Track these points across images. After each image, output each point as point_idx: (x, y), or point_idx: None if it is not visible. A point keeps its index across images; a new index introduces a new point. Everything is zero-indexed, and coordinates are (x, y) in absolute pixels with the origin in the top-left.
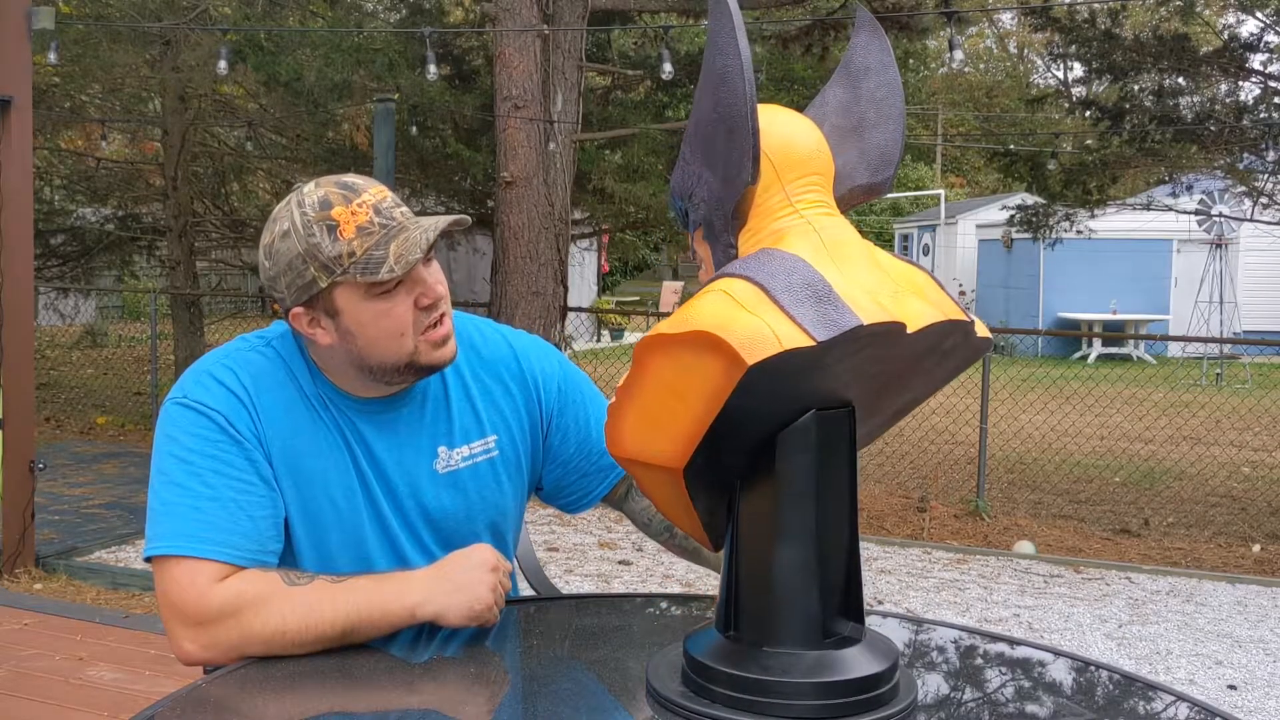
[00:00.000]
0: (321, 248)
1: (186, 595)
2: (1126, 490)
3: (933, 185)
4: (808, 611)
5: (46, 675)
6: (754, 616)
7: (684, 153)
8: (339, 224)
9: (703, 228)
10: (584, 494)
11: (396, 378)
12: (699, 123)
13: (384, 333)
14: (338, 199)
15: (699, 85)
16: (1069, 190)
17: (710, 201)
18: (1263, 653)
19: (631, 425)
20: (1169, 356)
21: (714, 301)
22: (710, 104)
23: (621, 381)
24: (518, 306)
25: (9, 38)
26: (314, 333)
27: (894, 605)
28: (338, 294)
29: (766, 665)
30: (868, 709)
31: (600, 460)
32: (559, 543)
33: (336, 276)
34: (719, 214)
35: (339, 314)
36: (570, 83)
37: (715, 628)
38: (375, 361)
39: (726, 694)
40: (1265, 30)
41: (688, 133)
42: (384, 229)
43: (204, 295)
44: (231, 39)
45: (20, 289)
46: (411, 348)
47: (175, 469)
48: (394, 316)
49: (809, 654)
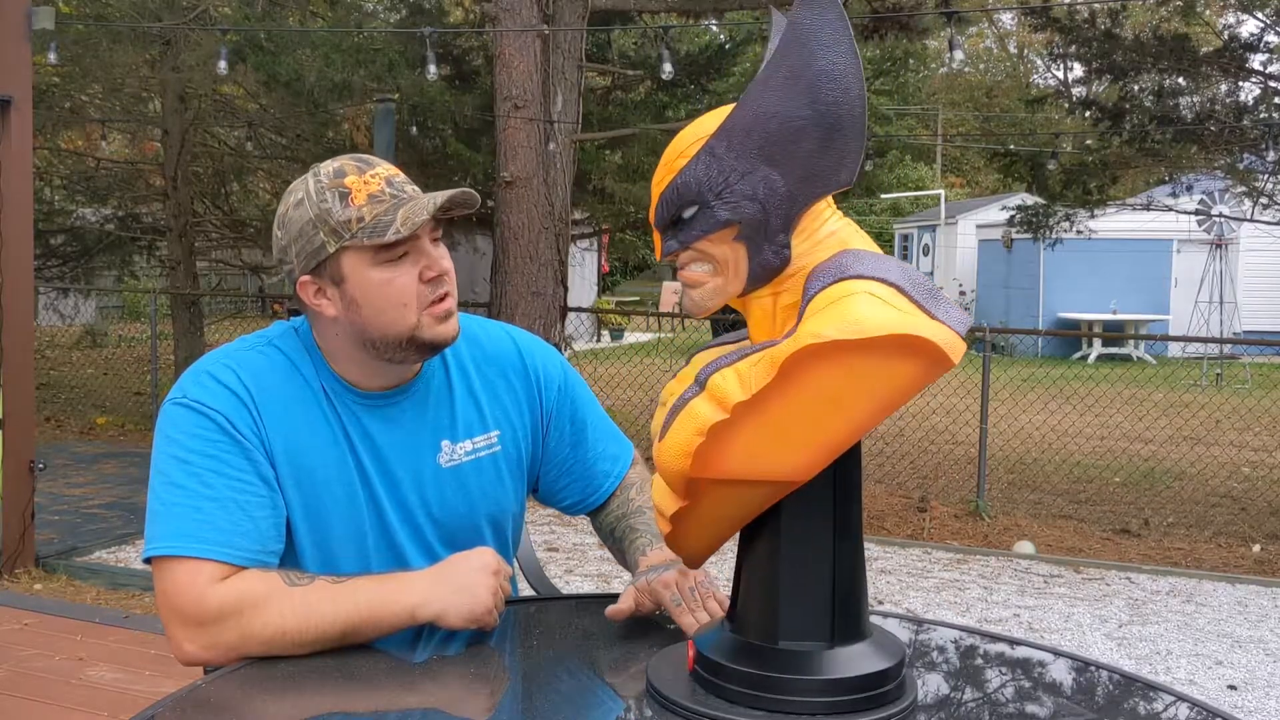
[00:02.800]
0: (332, 212)
1: (186, 595)
2: (1126, 490)
3: (933, 185)
4: (815, 608)
5: (46, 675)
6: (762, 613)
7: (714, 148)
8: (351, 191)
9: (739, 227)
10: (576, 501)
11: (399, 354)
12: (766, 118)
13: (388, 301)
14: (352, 169)
15: (770, 83)
16: (1069, 190)
17: (772, 200)
18: (1263, 653)
19: (748, 441)
20: (1169, 356)
21: (872, 304)
22: (803, 102)
23: (738, 399)
24: (518, 306)
25: (9, 38)
26: (320, 304)
27: (894, 605)
28: (345, 260)
29: (774, 662)
30: (874, 706)
31: (592, 468)
32: (559, 543)
33: (345, 241)
34: (781, 214)
35: (344, 281)
36: (570, 83)
37: (724, 625)
38: (378, 334)
39: (735, 689)
40: (1265, 30)
41: (729, 128)
42: (394, 199)
43: (204, 295)
44: (231, 39)
45: (20, 289)
46: (414, 321)
47: (175, 469)
48: (397, 286)
49: (816, 651)
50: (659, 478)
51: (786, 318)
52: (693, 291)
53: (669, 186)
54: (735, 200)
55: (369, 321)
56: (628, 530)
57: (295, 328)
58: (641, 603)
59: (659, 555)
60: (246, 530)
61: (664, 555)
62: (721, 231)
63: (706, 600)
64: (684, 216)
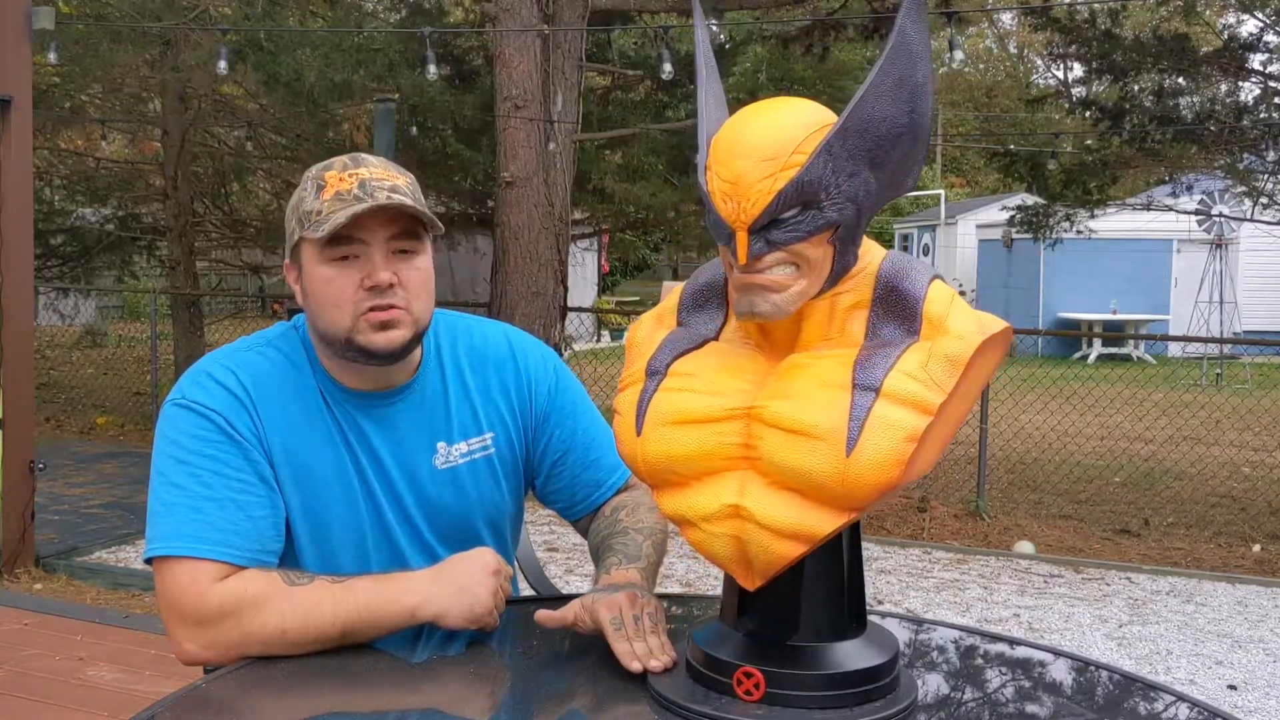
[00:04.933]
0: (305, 201)
1: (186, 595)
2: (1126, 490)
3: (933, 185)
4: (812, 604)
5: (46, 675)
6: (759, 609)
7: (832, 146)
8: (326, 185)
9: (838, 228)
10: (563, 508)
11: (345, 353)
12: (877, 122)
13: (325, 299)
14: (339, 165)
15: (882, 88)
16: (1069, 190)
17: (866, 203)
18: (1263, 653)
19: (934, 441)
20: (1169, 356)
21: (962, 300)
22: (905, 109)
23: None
24: (518, 306)
25: (9, 38)
26: (296, 289)
27: (894, 605)
28: (304, 250)
29: (770, 657)
30: (868, 700)
31: (578, 478)
32: (559, 543)
33: (304, 231)
34: (868, 216)
35: (302, 270)
36: (570, 83)
37: (720, 621)
38: (322, 328)
39: (727, 682)
40: (1265, 30)
41: (847, 129)
42: (356, 199)
43: (204, 295)
44: (231, 39)
45: (20, 289)
46: (349, 324)
47: (174, 470)
48: (335, 286)
49: (813, 646)
50: (798, 500)
51: (848, 318)
52: (774, 296)
53: (790, 184)
54: (841, 201)
55: (315, 315)
56: (607, 550)
57: (295, 326)
58: (581, 619)
59: (621, 575)
60: (246, 530)
61: (625, 576)
62: (824, 233)
63: (649, 633)
64: (782, 217)
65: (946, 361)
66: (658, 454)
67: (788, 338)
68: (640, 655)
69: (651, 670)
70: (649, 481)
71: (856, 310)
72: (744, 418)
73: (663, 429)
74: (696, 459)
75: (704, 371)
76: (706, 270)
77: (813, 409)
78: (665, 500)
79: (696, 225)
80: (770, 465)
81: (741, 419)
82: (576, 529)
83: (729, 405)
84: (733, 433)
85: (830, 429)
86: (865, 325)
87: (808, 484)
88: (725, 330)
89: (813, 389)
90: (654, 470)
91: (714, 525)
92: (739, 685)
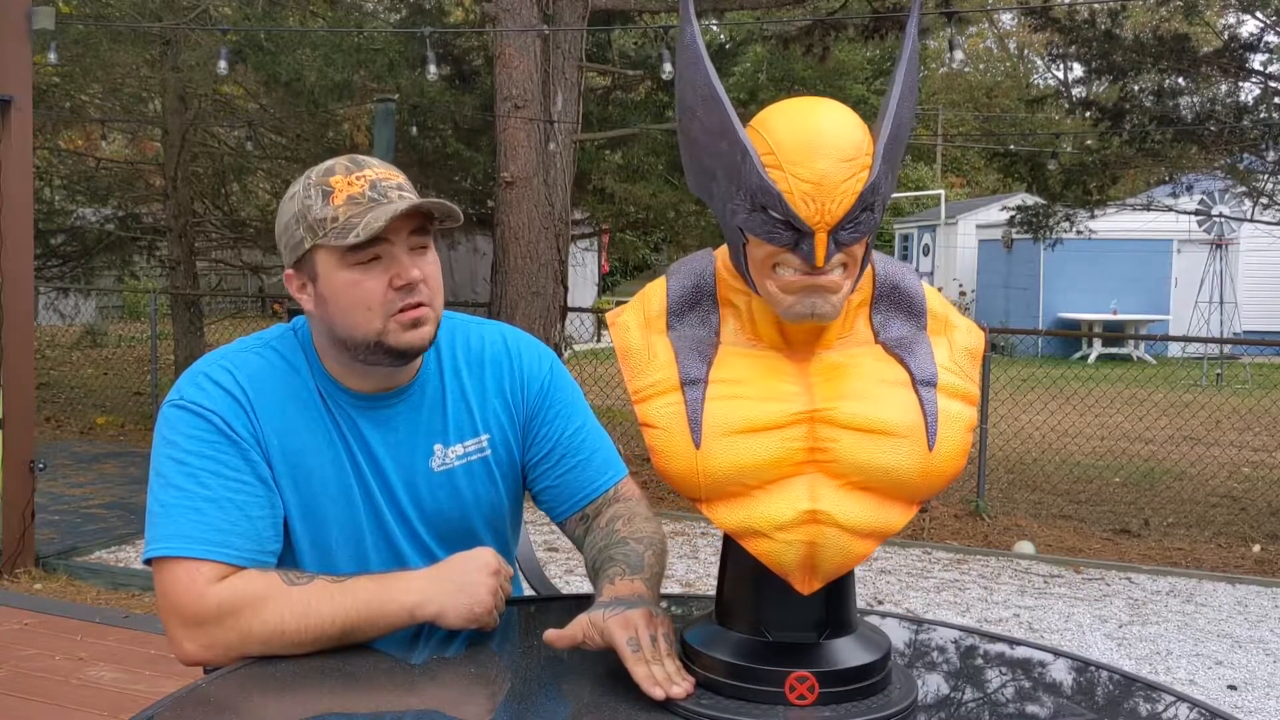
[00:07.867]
0: (312, 209)
1: (185, 596)
2: (1126, 490)
3: (933, 185)
4: (804, 602)
5: (46, 675)
6: (751, 607)
7: (884, 150)
8: (334, 190)
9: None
10: (549, 508)
11: (370, 356)
12: (903, 125)
13: (352, 303)
14: (342, 169)
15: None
16: (1069, 190)
17: (886, 204)
18: (1263, 653)
19: None
20: (1169, 357)
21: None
22: (913, 113)
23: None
24: (518, 306)
25: (9, 38)
26: (301, 297)
27: (894, 605)
28: (318, 257)
29: (763, 654)
30: (860, 697)
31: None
32: (559, 543)
33: (319, 239)
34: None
35: (318, 278)
36: (570, 83)
37: (712, 619)
38: (345, 333)
39: (724, 682)
40: (1265, 30)
41: (894, 132)
42: (372, 202)
43: (204, 295)
44: (231, 39)
45: (20, 289)
46: (380, 326)
47: (173, 471)
48: (364, 289)
49: (805, 643)
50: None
51: (855, 315)
52: (834, 297)
53: (867, 185)
54: (884, 201)
55: (337, 321)
56: (608, 561)
57: (294, 328)
58: (590, 637)
59: (626, 586)
60: (244, 530)
61: (632, 589)
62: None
63: (665, 656)
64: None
65: (967, 354)
66: (725, 465)
67: (809, 337)
68: (661, 680)
69: (674, 697)
70: (704, 495)
71: (860, 308)
72: (807, 421)
73: (727, 439)
74: (767, 467)
75: (751, 377)
76: (686, 271)
77: (886, 408)
78: (726, 513)
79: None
80: (849, 466)
81: (805, 423)
82: (564, 531)
83: (792, 410)
84: (798, 437)
85: (910, 426)
86: (869, 322)
87: (888, 481)
88: (725, 332)
89: (877, 387)
90: (717, 483)
91: (789, 533)
92: (791, 691)
